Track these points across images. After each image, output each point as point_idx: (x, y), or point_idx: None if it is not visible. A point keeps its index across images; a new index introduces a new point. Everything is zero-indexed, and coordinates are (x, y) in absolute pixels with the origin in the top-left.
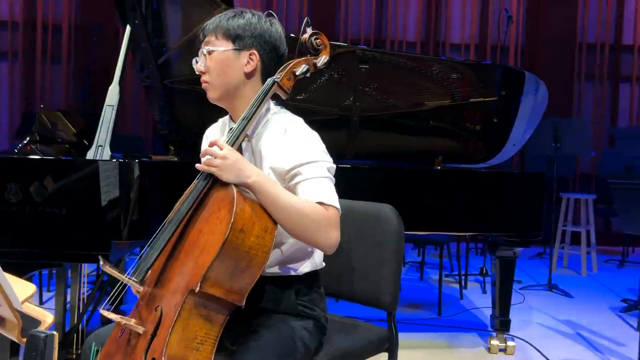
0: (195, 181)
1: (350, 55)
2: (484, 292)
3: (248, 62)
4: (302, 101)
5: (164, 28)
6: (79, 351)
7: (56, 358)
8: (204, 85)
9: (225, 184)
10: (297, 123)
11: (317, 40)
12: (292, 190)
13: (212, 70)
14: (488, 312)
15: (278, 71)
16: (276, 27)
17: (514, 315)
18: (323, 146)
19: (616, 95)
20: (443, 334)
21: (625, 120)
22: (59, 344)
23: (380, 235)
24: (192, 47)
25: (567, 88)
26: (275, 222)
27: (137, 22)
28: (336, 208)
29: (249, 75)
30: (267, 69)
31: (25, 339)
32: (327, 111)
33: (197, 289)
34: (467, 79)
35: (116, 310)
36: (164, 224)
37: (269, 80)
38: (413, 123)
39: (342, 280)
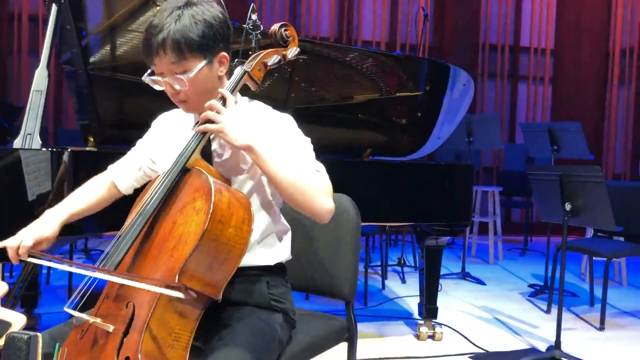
0: (164, 173)
1: None
2: (404, 281)
3: (220, 65)
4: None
5: (83, 11)
6: None
7: None
8: (180, 104)
9: (199, 174)
10: (270, 109)
11: (287, 32)
12: None
13: (191, 91)
14: (410, 300)
15: (247, 61)
16: (218, 10)
17: None
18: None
19: (515, 93)
20: (371, 324)
21: (523, 116)
22: None
23: (337, 225)
24: (114, 33)
25: None
26: (251, 214)
27: (62, 1)
28: (327, 177)
29: (221, 77)
30: (230, 60)
31: None
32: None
33: (175, 282)
34: (395, 72)
35: (30, 313)
36: (132, 217)
37: (239, 70)
38: (343, 116)
39: (301, 271)
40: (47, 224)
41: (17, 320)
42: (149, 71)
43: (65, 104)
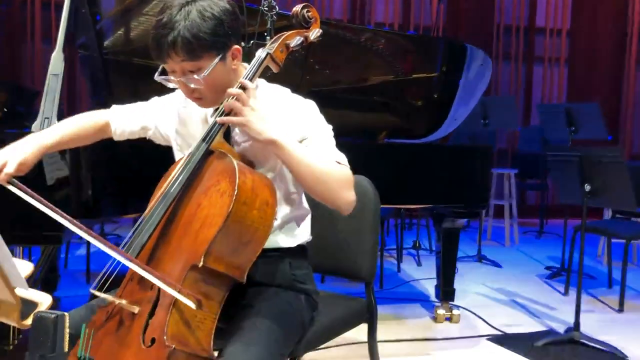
0: (186, 156)
1: None
2: (419, 264)
3: (234, 58)
4: None
5: None
6: (16, 342)
7: (67, 341)
8: (195, 101)
9: (223, 157)
10: (290, 93)
11: (309, 13)
12: None
13: (207, 89)
14: (426, 283)
15: (269, 42)
16: (226, 1)
17: None
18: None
19: (530, 74)
20: (388, 306)
21: (538, 98)
22: None
23: (357, 207)
24: (127, 17)
25: None
26: (275, 196)
27: None
28: (348, 167)
29: (236, 69)
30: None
31: (26, 322)
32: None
33: (200, 263)
34: (410, 53)
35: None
36: (155, 200)
37: (261, 52)
38: (358, 98)
39: (320, 252)
40: (31, 149)
41: (43, 300)
42: (159, 69)
43: (78, 88)
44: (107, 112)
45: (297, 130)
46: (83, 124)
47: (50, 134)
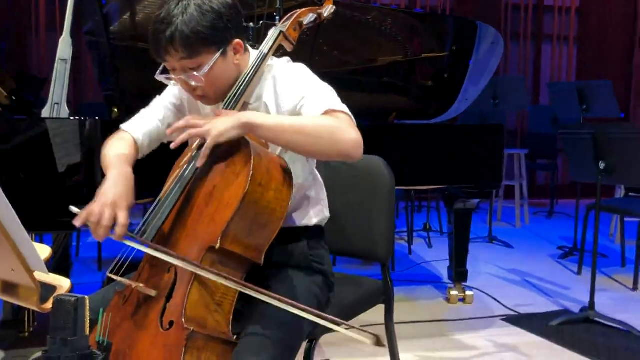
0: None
1: None
2: (430, 246)
3: (235, 52)
4: None
5: None
6: (32, 329)
7: (88, 325)
8: (199, 99)
9: (237, 138)
10: (284, 64)
11: None
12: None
13: (209, 86)
14: (438, 265)
15: (282, 21)
16: None
17: None
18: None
19: (539, 53)
20: (401, 288)
21: (547, 77)
22: (9, 322)
23: (372, 187)
24: (133, 1)
25: None
26: (291, 177)
27: None
28: (344, 112)
29: (238, 65)
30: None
31: (46, 306)
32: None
33: (217, 245)
34: (419, 32)
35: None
36: (170, 184)
37: (275, 31)
38: (367, 79)
39: (336, 233)
40: (131, 191)
41: (62, 283)
42: (160, 68)
43: (84, 74)
44: (121, 131)
45: (292, 96)
46: (130, 152)
47: (120, 164)
